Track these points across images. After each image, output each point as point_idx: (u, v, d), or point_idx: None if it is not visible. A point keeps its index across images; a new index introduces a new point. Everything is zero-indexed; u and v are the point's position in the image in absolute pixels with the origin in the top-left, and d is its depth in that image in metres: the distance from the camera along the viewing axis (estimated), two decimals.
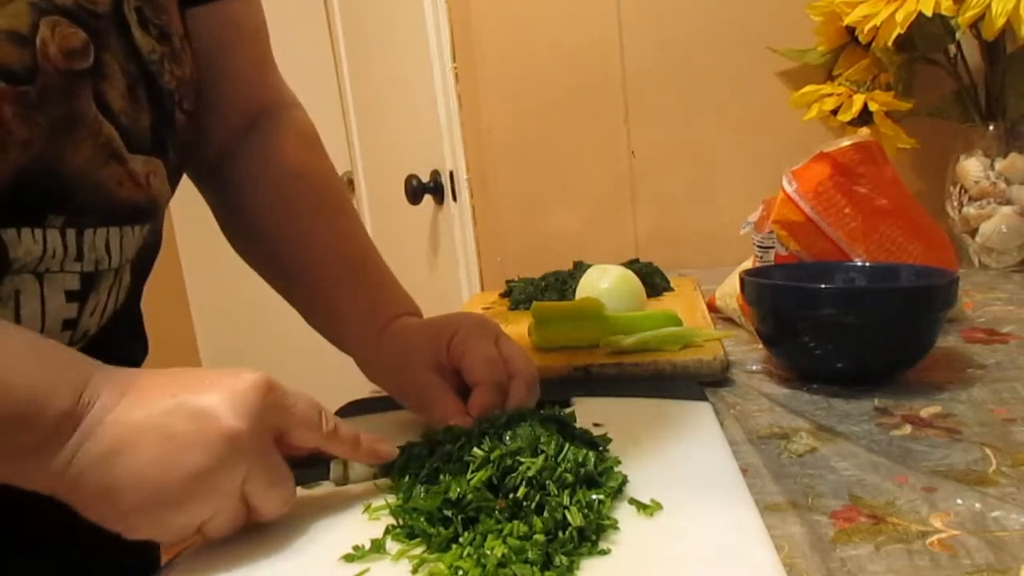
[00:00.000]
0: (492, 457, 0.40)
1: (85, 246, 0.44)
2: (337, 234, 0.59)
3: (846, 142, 0.74)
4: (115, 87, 0.43)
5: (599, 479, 0.41)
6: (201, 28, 0.54)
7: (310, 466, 0.42)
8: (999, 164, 0.99)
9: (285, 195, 0.59)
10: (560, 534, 0.35)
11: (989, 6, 0.90)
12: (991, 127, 1.01)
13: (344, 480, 0.43)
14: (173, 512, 0.35)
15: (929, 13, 0.92)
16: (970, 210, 1.01)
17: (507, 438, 0.43)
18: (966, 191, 1.02)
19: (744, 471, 0.44)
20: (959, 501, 0.39)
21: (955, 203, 1.04)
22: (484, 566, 0.33)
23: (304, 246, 0.58)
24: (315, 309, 0.60)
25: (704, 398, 0.57)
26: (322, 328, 0.60)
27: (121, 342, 0.55)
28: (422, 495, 0.39)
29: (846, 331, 0.58)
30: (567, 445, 0.42)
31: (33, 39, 0.38)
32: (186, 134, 0.51)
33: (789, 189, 0.73)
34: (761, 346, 0.69)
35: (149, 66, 0.46)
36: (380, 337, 0.56)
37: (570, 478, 0.39)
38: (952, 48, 1.04)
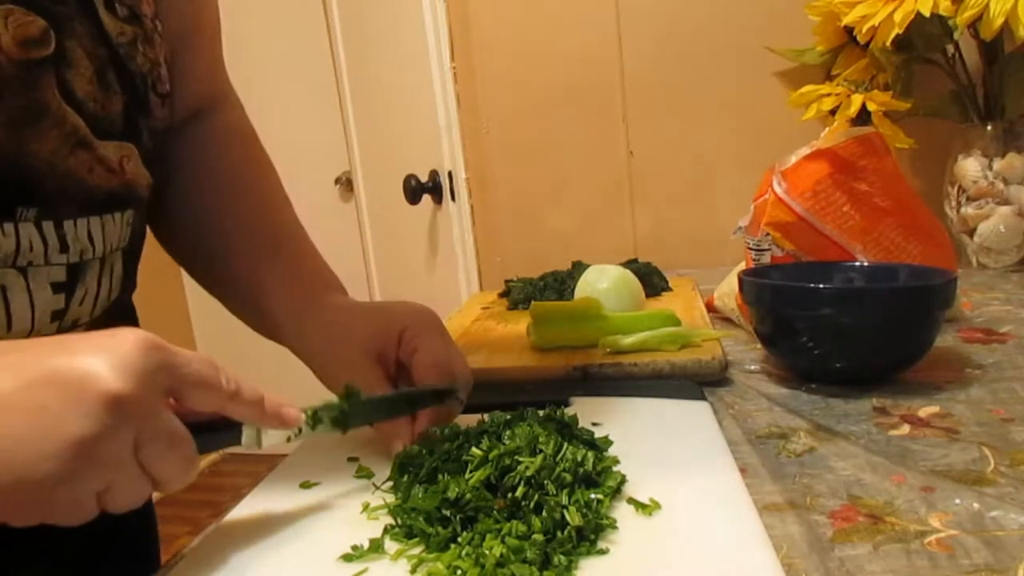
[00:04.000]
0: (490, 457, 0.40)
1: (68, 237, 0.44)
2: (255, 212, 0.58)
3: (843, 136, 0.74)
4: (81, 73, 0.42)
5: (597, 479, 0.41)
6: (163, 17, 0.53)
7: (217, 431, 0.38)
8: (997, 164, 0.99)
9: (207, 183, 0.59)
10: (559, 533, 0.35)
11: (987, 6, 0.90)
12: (989, 127, 1.01)
13: (258, 444, 0.40)
14: (57, 489, 0.31)
15: (927, 13, 0.92)
16: (968, 210, 1.01)
17: (505, 438, 0.43)
18: (964, 191, 1.02)
19: (742, 471, 0.44)
20: (957, 501, 0.39)
21: (953, 203, 1.04)
22: (483, 566, 0.33)
23: (221, 227, 0.57)
24: (233, 289, 0.58)
25: (702, 398, 0.57)
26: (241, 309, 0.58)
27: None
28: (420, 495, 0.39)
29: (844, 331, 0.58)
30: (566, 444, 0.42)
31: None
32: (162, 118, 0.50)
33: (779, 190, 0.73)
34: (759, 346, 0.69)
35: (118, 49, 0.45)
36: (307, 311, 0.53)
37: (569, 478, 0.39)
38: (950, 48, 1.04)
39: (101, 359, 0.32)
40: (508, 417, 0.46)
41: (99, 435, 0.31)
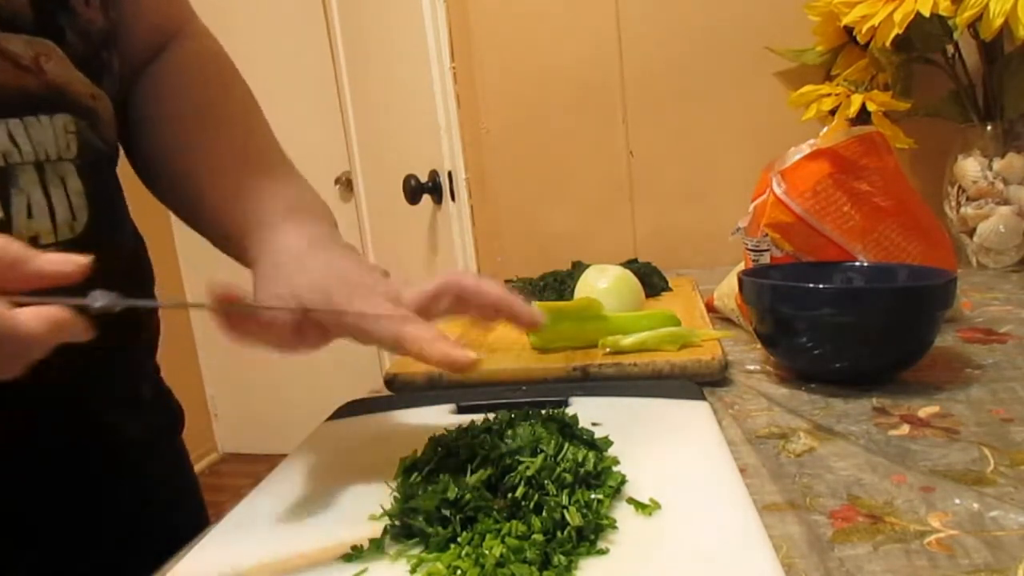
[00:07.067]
0: (491, 456, 0.40)
1: None
2: (220, 137, 0.55)
3: (843, 135, 0.74)
4: None
5: (598, 479, 0.41)
6: None
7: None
8: (997, 164, 0.99)
9: (173, 114, 0.56)
10: (559, 534, 0.35)
11: (987, 6, 0.90)
12: (989, 127, 1.01)
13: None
14: None
15: (927, 13, 0.92)
16: (968, 210, 1.01)
17: (507, 437, 0.43)
18: (964, 191, 1.02)
19: (742, 471, 0.44)
20: (957, 501, 0.39)
21: (953, 203, 1.04)
22: (482, 566, 0.33)
23: (187, 156, 0.54)
24: (204, 217, 0.54)
25: (702, 398, 0.57)
26: (214, 238, 0.54)
27: (125, 286, 0.52)
28: (420, 495, 0.39)
29: (844, 331, 0.58)
30: (566, 445, 0.42)
31: None
32: (92, 20, 0.48)
33: (778, 191, 0.73)
34: (759, 346, 0.69)
35: None
36: (262, 242, 0.49)
37: (569, 478, 0.39)
38: (950, 48, 1.04)
39: None
40: (512, 416, 0.46)
41: None
